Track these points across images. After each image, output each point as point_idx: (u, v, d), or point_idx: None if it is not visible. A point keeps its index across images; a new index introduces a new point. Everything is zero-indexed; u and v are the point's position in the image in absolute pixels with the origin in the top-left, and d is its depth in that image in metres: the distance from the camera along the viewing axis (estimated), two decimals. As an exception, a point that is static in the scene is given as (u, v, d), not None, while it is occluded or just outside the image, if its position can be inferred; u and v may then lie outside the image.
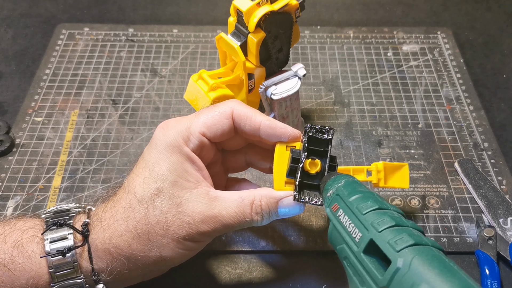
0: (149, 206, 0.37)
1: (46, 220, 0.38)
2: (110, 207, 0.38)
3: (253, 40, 0.44)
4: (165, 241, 0.36)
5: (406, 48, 0.67)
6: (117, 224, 0.37)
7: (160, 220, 0.36)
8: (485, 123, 0.58)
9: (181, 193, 0.37)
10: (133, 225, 0.36)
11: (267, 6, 0.43)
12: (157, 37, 0.68)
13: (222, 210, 0.37)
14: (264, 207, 0.38)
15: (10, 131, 0.56)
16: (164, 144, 0.38)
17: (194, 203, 0.37)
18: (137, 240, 0.36)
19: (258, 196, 0.38)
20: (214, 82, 0.46)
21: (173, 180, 0.37)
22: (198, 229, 0.36)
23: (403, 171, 0.44)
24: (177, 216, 0.36)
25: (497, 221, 0.47)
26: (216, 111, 0.39)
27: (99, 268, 0.37)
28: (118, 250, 0.36)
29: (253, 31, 0.44)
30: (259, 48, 0.45)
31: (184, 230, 0.36)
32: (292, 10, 0.45)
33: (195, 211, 0.37)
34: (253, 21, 0.43)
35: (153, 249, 0.36)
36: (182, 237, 0.37)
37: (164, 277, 0.44)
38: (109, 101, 0.60)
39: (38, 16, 0.71)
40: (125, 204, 0.37)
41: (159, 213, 0.36)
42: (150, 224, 0.36)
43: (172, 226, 0.36)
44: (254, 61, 0.46)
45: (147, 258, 0.37)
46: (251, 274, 0.45)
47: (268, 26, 0.44)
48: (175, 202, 0.37)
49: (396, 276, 0.26)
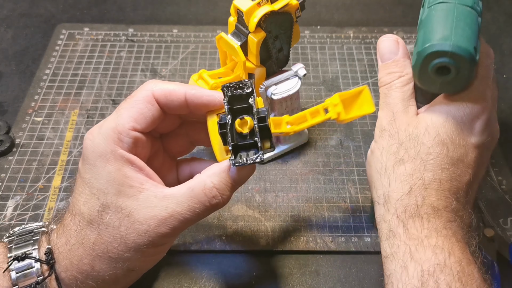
0: (100, 225, 0.34)
1: (9, 246, 0.36)
2: (62, 232, 0.36)
3: (253, 40, 0.44)
4: (128, 255, 0.34)
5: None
6: (74, 248, 0.35)
7: (115, 237, 0.34)
8: (485, 123, 0.58)
9: (128, 202, 0.34)
10: (90, 247, 0.34)
11: (268, 6, 0.43)
12: (157, 37, 0.68)
13: (175, 208, 0.34)
14: (218, 187, 0.35)
15: (10, 131, 0.56)
16: (95, 154, 0.35)
17: (144, 210, 0.34)
18: (98, 261, 0.34)
19: (207, 180, 0.35)
20: (214, 82, 0.46)
21: (115, 191, 0.34)
22: (157, 234, 0.34)
23: (363, 96, 0.42)
24: (132, 228, 0.34)
25: (497, 221, 0.47)
26: (137, 99, 0.36)
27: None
28: (83, 274, 0.35)
29: (253, 31, 0.44)
30: (259, 48, 0.45)
31: (144, 239, 0.34)
32: (292, 10, 0.45)
33: (148, 217, 0.34)
34: (253, 21, 0.43)
35: (118, 266, 0.35)
36: (143, 246, 0.34)
37: (164, 277, 0.44)
38: (109, 101, 0.60)
39: (38, 16, 0.71)
40: (76, 228, 0.35)
41: (112, 230, 0.34)
42: (106, 242, 0.34)
43: (129, 239, 0.34)
44: (254, 61, 0.46)
45: (114, 275, 0.35)
46: (251, 274, 0.45)
47: (268, 26, 0.44)
48: (125, 214, 0.34)
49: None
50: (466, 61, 0.33)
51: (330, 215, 0.49)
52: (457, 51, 0.33)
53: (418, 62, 0.35)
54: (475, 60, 0.34)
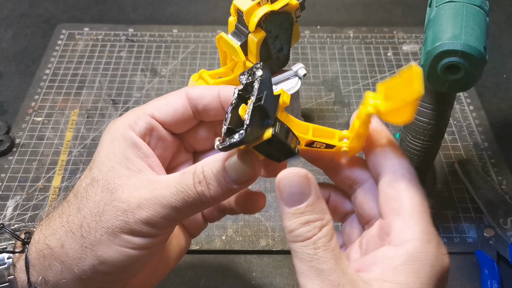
0: (83, 197, 0.32)
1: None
2: (54, 205, 0.34)
3: (254, 40, 0.44)
4: (98, 235, 0.30)
5: (406, 48, 0.67)
6: (52, 221, 0.32)
7: (92, 211, 0.31)
8: (485, 123, 0.58)
9: (118, 180, 0.31)
10: (66, 220, 0.31)
11: (268, 6, 0.43)
12: (157, 37, 0.68)
13: (161, 190, 0.30)
14: (207, 173, 0.30)
15: (10, 131, 0.56)
16: (109, 133, 0.33)
17: (131, 189, 0.31)
18: (70, 237, 0.31)
19: (200, 164, 0.31)
20: (214, 82, 0.46)
21: (110, 166, 0.32)
22: (135, 216, 0.30)
23: (411, 77, 0.28)
24: (111, 204, 0.30)
25: (497, 221, 0.47)
26: (169, 94, 0.35)
27: (35, 281, 0.32)
28: (50, 251, 0.31)
29: (253, 30, 0.44)
30: (259, 48, 0.45)
31: (119, 219, 0.30)
32: (292, 10, 0.45)
33: (131, 195, 0.30)
34: (253, 21, 0.43)
35: (88, 248, 0.31)
36: (118, 229, 0.30)
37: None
38: (109, 101, 0.60)
39: (38, 16, 0.71)
40: (66, 199, 0.33)
41: (92, 203, 0.31)
42: (82, 216, 0.31)
43: (105, 215, 0.30)
44: (254, 60, 0.46)
45: (82, 261, 0.31)
46: (251, 274, 0.45)
47: (268, 25, 0.44)
48: (109, 189, 0.31)
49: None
50: (476, 60, 0.33)
51: (330, 215, 0.49)
52: (467, 50, 0.33)
53: (427, 61, 0.35)
54: (485, 59, 0.34)
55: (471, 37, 0.33)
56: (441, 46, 0.34)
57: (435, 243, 0.28)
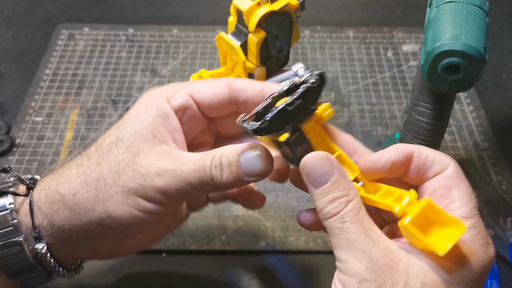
0: (104, 153, 0.33)
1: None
2: (70, 159, 0.35)
3: (254, 40, 0.44)
4: (113, 192, 0.32)
5: (406, 48, 0.67)
6: (68, 171, 0.33)
7: (112, 168, 0.32)
8: (485, 123, 0.58)
9: (142, 145, 0.33)
10: (83, 171, 0.33)
11: (268, 6, 0.43)
12: (157, 37, 0.68)
13: (181, 164, 0.32)
14: (223, 159, 0.32)
15: (10, 131, 0.56)
16: (145, 99, 0.35)
17: (152, 157, 0.32)
18: (84, 188, 0.32)
19: (220, 150, 0.33)
20: None
21: (137, 130, 0.33)
22: (152, 183, 0.32)
23: (452, 232, 0.27)
24: (131, 166, 0.32)
25: (497, 221, 0.47)
26: (211, 80, 0.36)
27: (40, 224, 0.33)
28: (61, 197, 0.33)
29: (253, 30, 0.44)
30: (259, 48, 0.45)
31: (136, 181, 0.32)
32: (292, 10, 0.45)
33: (152, 163, 0.32)
34: (253, 21, 0.43)
35: (99, 201, 0.32)
36: (134, 190, 0.32)
37: (163, 278, 0.44)
38: (109, 101, 0.60)
39: (38, 16, 0.72)
40: (86, 152, 0.34)
41: (113, 161, 0.32)
42: (101, 171, 0.32)
43: (123, 175, 0.32)
44: (254, 61, 0.46)
45: (91, 212, 0.32)
46: (251, 274, 0.45)
47: (268, 26, 0.44)
48: (132, 152, 0.33)
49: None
50: (476, 61, 0.33)
51: (330, 215, 0.49)
52: (467, 50, 0.33)
53: (427, 62, 0.35)
54: (484, 60, 0.34)
55: (471, 38, 0.34)
56: (441, 46, 0.34)
57: (481, 231, 0.28)
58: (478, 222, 0.29)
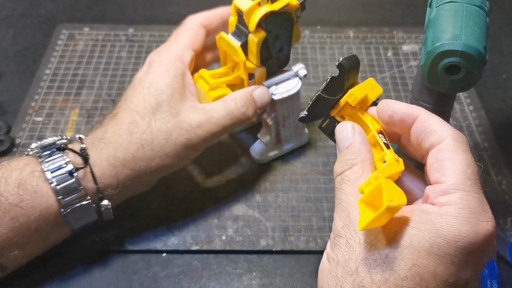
0: (151, 119, 0.41)
1: (37, 155, 0.40)
2: (112, 126, 0.41)
3: (254, 40, 0.44)
4: (167, 150, 0.40)
5: (406, 48, 0.67)
6: (121, 139, 0.40)
7: (162, 130, 0.40)
8: (485, 123, 0.58)
9: (177, 105, 0.41)
10: (138, 137, 0.40)
11: (268, 6, 0.43)
12: (157, 37, 0.68)
13: (212, 113, 0.42)
14: (244, 100, 0.44)
15: (10, 131, 0.56)
16: (162, 63, 0.43)
17: (188, 113, 0.41)
18: (141, 151, 0.40)
19: (238, 93, 0.44)
20: (215, 82, 0.46)
21: (170, 94, 0.41)
22: (196, 134, 0.41)
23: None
24: (176, 125, 0.41)
25: (497, 221, 0.47)
26: (191, 26, 0.47)
27: (104, 185, 0.40)
28: (124, 162, 0.40)
29: (253, 31, 0.44)
30: (259, 48, 0.45)
31: (184, 136, 0.41)
32: (293, 10, 0.45)
33: (191, 118, 0.41)
34: (253, 21, 0.43)
35: (156, 158, 0.40)
36: (184, 144, 0.41)
37: (164, 277, 0.44)
38: (109, 101, 0.60)
39: (38, 16, 0.71)
40: (129, 121, 0.41)
41: (161, 124, 0.40)
42: (153, 134, 0.40)
43: (173, 134, 0.40)
44: (254, 61, 0.46)
45: (149, 168, 0.41)
46: (251, 274, 0.45)
47: (268, 26, 0.44)
48: (173, 113, 0.41)
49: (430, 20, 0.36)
50: (476, 61, 0.33)
51: (330, 215, 0.49)
52: (467, 50, 0.33)
53: (427, 62, 0.35)
54: (485, 60, 0.34)
55: (471, 38, 0.34)
56: (441, 46, 0.34)
57: (469, 205, 0.27)
58: (468, 196, 0.27)
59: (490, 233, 0.27)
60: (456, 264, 0.26)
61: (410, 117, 0.32)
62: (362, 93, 0.35)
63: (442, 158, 0.29)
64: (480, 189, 0.28)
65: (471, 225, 0.27)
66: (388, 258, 0.27)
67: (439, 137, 0.30)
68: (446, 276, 0.26)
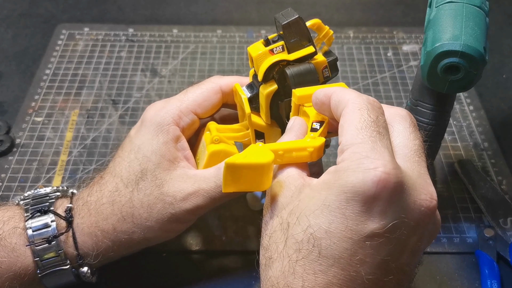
0: (134, 189, 0.37)
1: (25, 207, 0.38)
2: (96, 190, 0.38)
3: (262, 93, 0.38)
4: (149, 224, 0.37)
5: (406, 48, 0.67)
6: (103, 207, 0.37)
7: (143, 203, 0.37)
8: (485, 123, 0.58)
9: (163, 174, 0.37)
10: (119, 208, 0.37)
11: (282, 55, 0.37)
12: (157, 37, 0.68)
13: (201, 184, 0.37)
14: None
15: (10, 131, 0.56)
16: (153, 124, 0.39)
17: (174, 183, 0.37)
18: (122, 223, 0.37)
19: None
20: (217, 135, 0.40)
21: (157, 162, 0.38)
22: (181, 208, 0.37)
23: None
24: (159, 198, 0.37)
25: (497, 221, 0.47)
26: (206, 88, 0.40)
27: (84, 252, 0.37)
28: (104, 233, 0.37)
29: (261, 80, 0.38)
30: (269, 102, 0.38)
31: (167, 211, 0.37)
32: (318, 66, 0.38)
33: (176, 190, 0.37)
34: (262, 70, 0.37)
35: (137, 232, 0.37)
36: (167, 218, 0.37)
37: (164, 277, 0.44)
38: (109, 101, 0.60)
39: (38, 16, 0.71)
40: (112, 188, 0.38)
41: (143, 196, 0.37)
42: (134, 207, 0.37)
43: (155, 208, 0.37)
44: (264, 117, 0.40)
45: (131, 240, 0.38)
46: (251, 274, 0.45)
47: (282, 78, 0.38)
48: (157, 184, 0.37)
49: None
50: (476, 61, 0.33)
51: (330, 215, 0.49)
52: (467, 50, 0.33)
53: (427, 62, 0.35)
54: (484, 60, 0.34)
55: (471, 38, 0.34)
56: (441, 46, 0.34)
57: (358, 157, 0.27)
58: (358, 148, 0.27)
59: (379, 179, 0.26)
60: (351, 217, 0.26)
61: (326, 98, 0.32)
62: (302, 92, 0.35)
63: (342, 123, 0.30)
64: (374, 137, 0.28)
65: (357, 173, 0.26)
66: (289, 225, 0.29)
67: (343, 105, 0.31)
68: (343, 232, 0.26)
